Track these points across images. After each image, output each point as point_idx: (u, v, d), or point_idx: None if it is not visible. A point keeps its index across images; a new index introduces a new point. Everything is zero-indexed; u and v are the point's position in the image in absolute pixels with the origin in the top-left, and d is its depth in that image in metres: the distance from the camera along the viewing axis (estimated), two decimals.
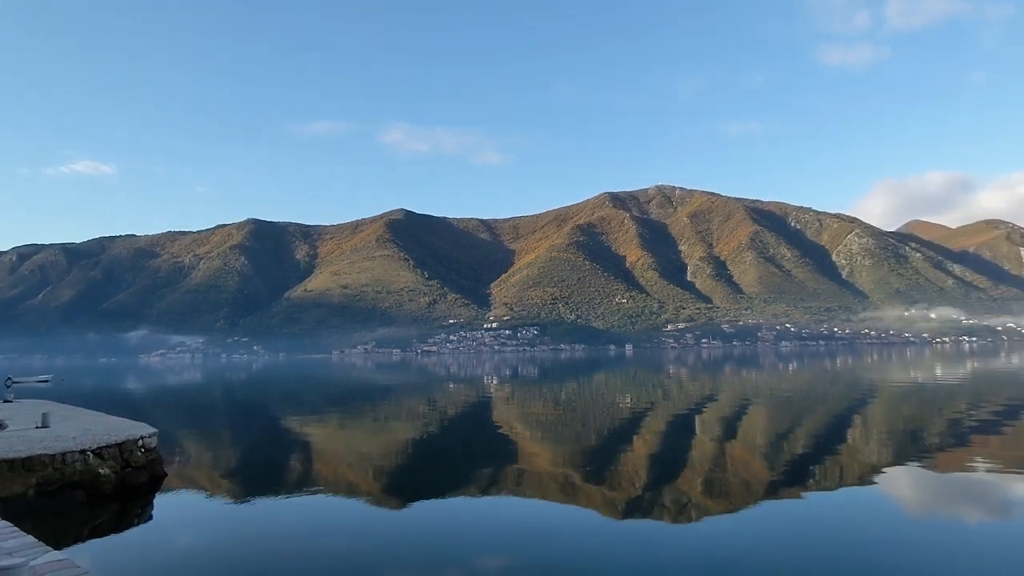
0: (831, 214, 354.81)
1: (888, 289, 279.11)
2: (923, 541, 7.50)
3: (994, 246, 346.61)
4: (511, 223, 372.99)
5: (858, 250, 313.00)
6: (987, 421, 17.59)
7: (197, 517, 9.21)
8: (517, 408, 24.48)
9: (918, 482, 10.37)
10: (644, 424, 18.60)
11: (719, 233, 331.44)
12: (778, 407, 22.44)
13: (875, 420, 18.44)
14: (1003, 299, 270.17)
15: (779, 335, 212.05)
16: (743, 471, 11.66)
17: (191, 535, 8.41)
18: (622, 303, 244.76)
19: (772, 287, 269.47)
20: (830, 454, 12.92)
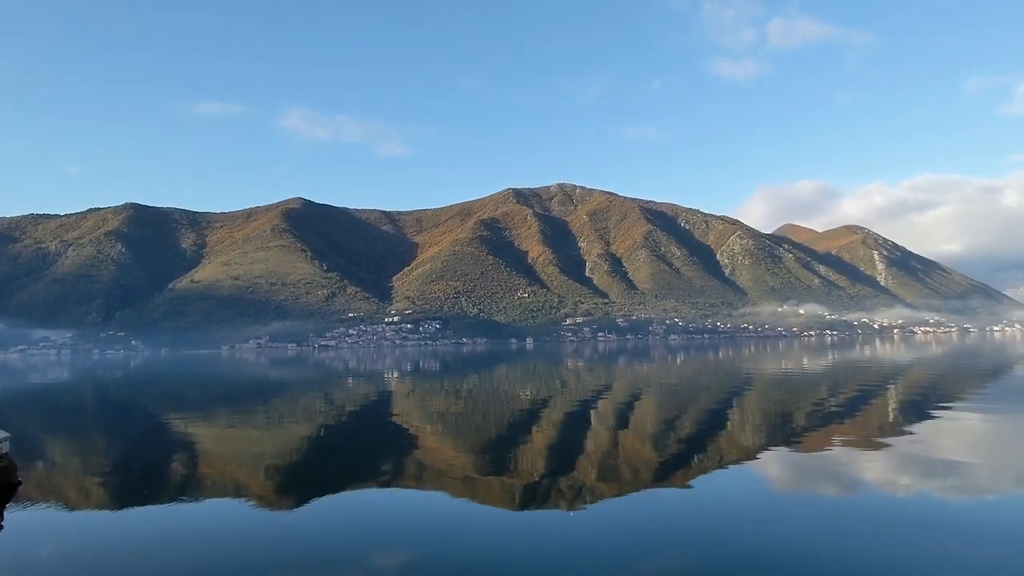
0: (717, 216, 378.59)
1: (764, 287, 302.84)
2: (791, 514, 8.27)
3: (852, 249, 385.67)
4: (415, 216, 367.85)
5: (739, 250, 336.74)
6: (843, 405, 19.64)
7: (56, 528, 8.41)
8: (418, 402, 24.30)
9: (786, 462, 11.39)
10: (543, 415, 19.08)
11: (616, 231, 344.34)
12: (666, 396, 23.78)
13: (751, 407, 20.01)
14: (858, 297, 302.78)
15: (668, 329, 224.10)
16: (634, 457, 12.29)
17: (47, 548, 7.69)
18: (524, 298, 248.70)
19: (663, 284, 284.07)
20: (712, 439, 13.90)
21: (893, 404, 19.87)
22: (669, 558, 6.85)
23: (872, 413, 17.85)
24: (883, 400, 20.98)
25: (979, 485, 9.32)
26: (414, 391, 29.89)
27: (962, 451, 11.79)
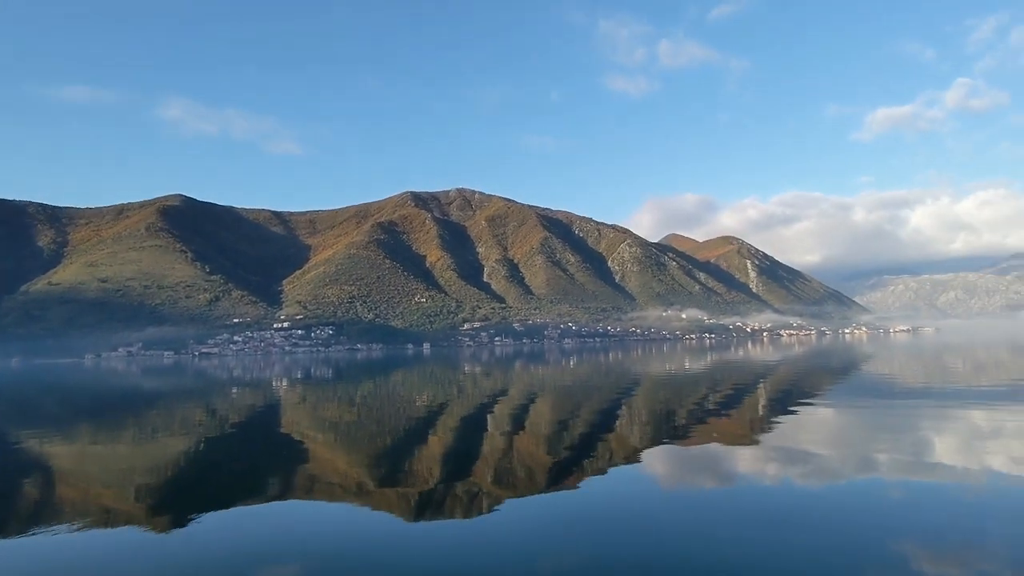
0: (608, 225, 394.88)
1: (651, 292, 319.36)
2: (674, 509, 8.83)
3: (729, 258, 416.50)
4: (308, 217, 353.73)
5: (629, 258, 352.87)
6: (720, 403, 21.20)
7: None
8: (309, 411, 23.38)
9: (670, 458, 12.13)
10: (439, 421, 19.03)
11: (514, 237, 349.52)
12: (560, 398, 24.48)
13: (638, 406, 21.07)
14: (733, 302, 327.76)
15: (563, 333, 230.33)
16: (530, 460, 12.57)
17: None
18: (421, 302, 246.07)
19: (558, 289, 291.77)
20: (603, 439, 14.50)
21: (762, 401, 21.69)
22: (561, 560, 7.10)
23: (745, 409, 19.39)
24: (754, 397, 22.85)
25: (832, 471, 10.41)
26: (305, 400, 28.72)
27: (818, 442, 13.12)
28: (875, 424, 15.49)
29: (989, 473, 9.92)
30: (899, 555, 6.61)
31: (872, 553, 6.70)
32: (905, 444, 12.49)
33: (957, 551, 6.69)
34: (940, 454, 11.41)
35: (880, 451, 11.89)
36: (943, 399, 19.79)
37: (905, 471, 10.24)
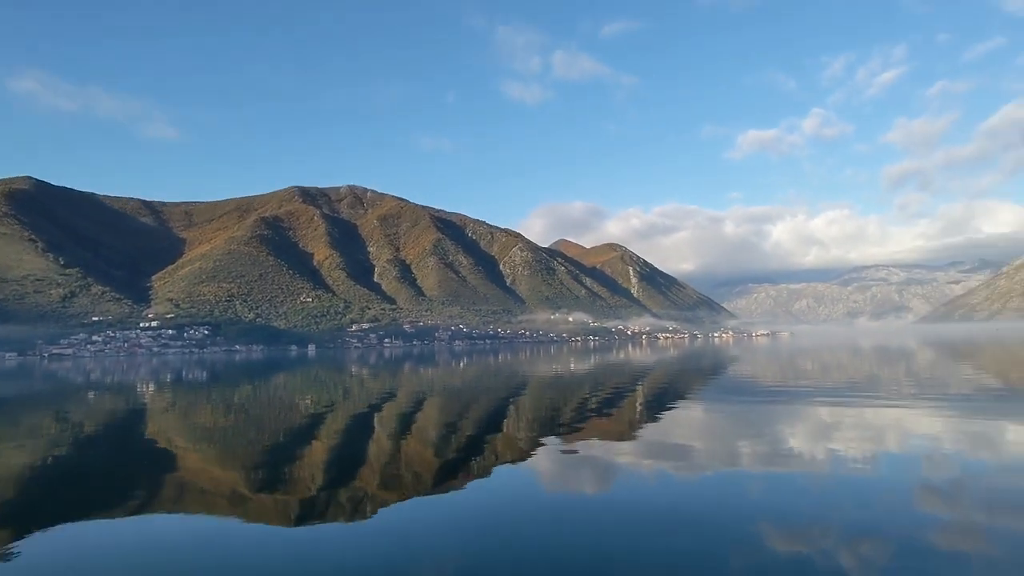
0: (501, 229, 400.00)
1: (540, 296, 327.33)
2: (555, 505, 9.17)
3: (613, 265, 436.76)
4: (183, 208, 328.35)
5: (520, 262, 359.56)
6: (602, 402, 22.20)
7: None
8: (179, 417, 21.72)
9: (554, 457, 12.54)
10: (323, 425, 18.41)
11: (406, 238, 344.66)
12: (449, 400, 24.50)
13: (526, 407, 21.56)
14: (616, 307, 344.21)
15: (454, 335, 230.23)
16: (417, 462, 12.51)
17: None
18: (307, 302, 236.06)
19: (450, 291, 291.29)
20: (491, 439, 14.72)
21: (640, 400, 22.95)
22: (444, 562, 7.16)
23: (625, 408, 20.44)
24: (633, 397, 24.13)
25: (702, 465, 11.26)
26: (175, 405, 26.63)
27: (690, 438, 14.13)
28: (739, 420, 16.91)
29: (832, 461, 11.17)
30: (756, 535, 7.31)
31: (735, 536, 7.36)
32: (764, 438, 13.75)
33: (806, 532, 7.50)
34: (793, 446, 12.69)
35: (743, 444, 13.02)
36: (795, 397, 21.97)
37: (763, 463, 11.28)
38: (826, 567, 6.37)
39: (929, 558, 6.54)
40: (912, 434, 13.84)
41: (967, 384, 25.46)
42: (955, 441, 12.80)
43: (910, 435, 13.70)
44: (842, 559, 6.57)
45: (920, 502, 8.60)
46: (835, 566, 6.39)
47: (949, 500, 8.65)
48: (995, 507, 8.23)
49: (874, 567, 6.33)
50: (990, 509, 8.16)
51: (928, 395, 21.51)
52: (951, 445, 12.38)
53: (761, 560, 6.64)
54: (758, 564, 6.54)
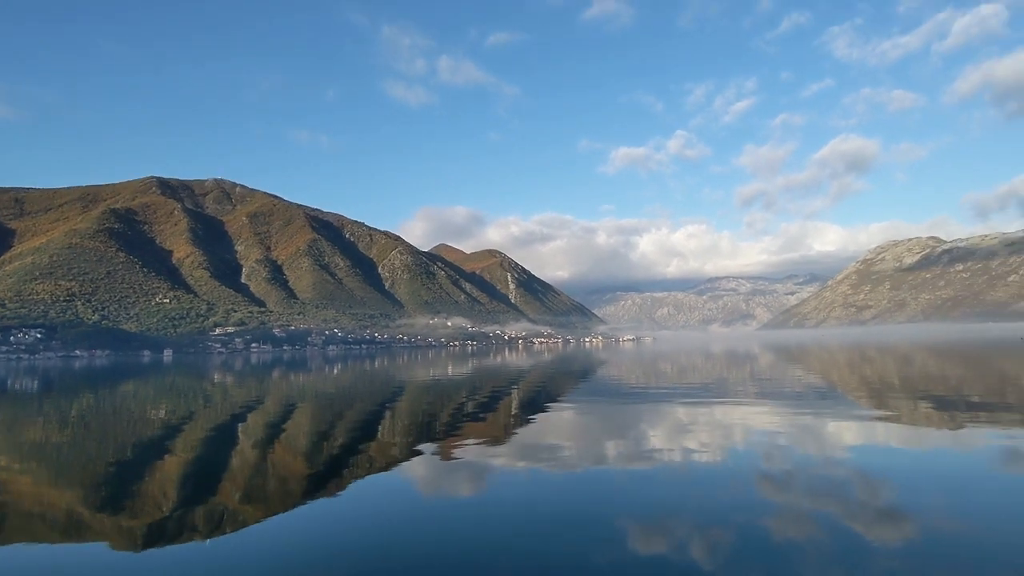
0: (381, 231, 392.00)
1: (419, 300, 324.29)
2: (430, 510, 9.17)
3: (492, 270, 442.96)
4: (13, 195, 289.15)
5: (399, 265, 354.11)
6: (479, 406, 22.45)
7: None
8: (0, 432, 19.05)
9: (430, 462, 12.52)
10: (179, 437, 17.02)
11: (279, 237, 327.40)
12: (322, 407, 23.60)
13: (402, 412, 21.28)
14: (495, 312, 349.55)
15: (328, 339, 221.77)
16: (285, 473, 11.95)
17: None
18: (164, 303, 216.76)
19: (325, 294, 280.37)
20: (365, 446, 14.38)
21: (515, 402, 23.50)
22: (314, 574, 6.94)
23: (501, 411, 20.82)
24: (509, 399, 24.64)
25: (572, 464, 11.76)
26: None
27: (562, 438, 14.70)
28: (606, 420, 17.85)
29: (686, 456, 12.13)
30: (621, 530, 7.78)
31: (602, 532, 7.79)
32: (628, 436, 14.63)
33: (665, 523, 8.09)
34: (654, 443, 13.62)
35: (610, 443, 13.77)
36: (656, 397, 23.57)
37: (627, 460, 12.01)
38: (681, 556, 6.94)
39: (766, 540, 7.32)
40: (754, 429, 15.37)
41: (798, 383, 28.71)
42: (788, 434, 14.40)
43: (752, 430, 15.21)
44: (694, 547, 7.18)
45: (760, 490, 9.59)
46: (688, 554, 6.97)
47: (783, 487, 9.73)
48: (818, 492, 9.38)
49: (721, 552, 6.99)
50: (815, 494, 9.29)
51: (767, 394, 24.00)
52: (785, 438, 13.91)
53: (625, 553, 7.08)
54: (622, 557, 6.98)
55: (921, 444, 13.11)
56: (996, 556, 6.61)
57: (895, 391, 24.35)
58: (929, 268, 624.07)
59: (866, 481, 10.00)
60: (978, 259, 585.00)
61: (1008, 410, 17.54)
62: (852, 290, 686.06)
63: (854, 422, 16.21)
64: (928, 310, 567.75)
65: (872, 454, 12.16)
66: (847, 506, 8.58)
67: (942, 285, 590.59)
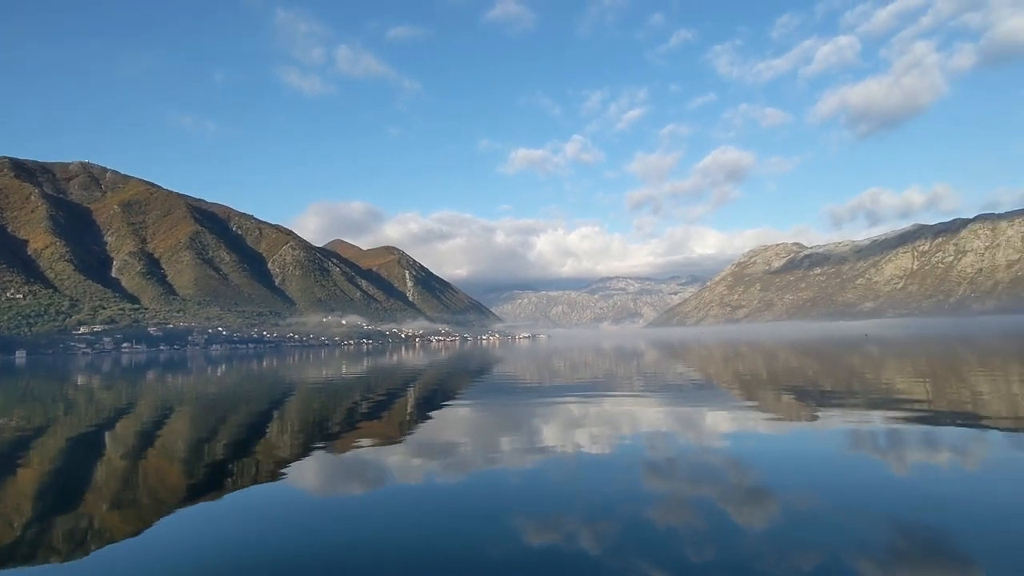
0: (271, 225, 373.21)
1: (312, 297, 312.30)
2: (319, 514, 8.90)
3: (389, 268, 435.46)
4: None
5: (291, 261, 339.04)
6: (373, 406, 22.04)
7: None
8: None
9: (321, 464, 12.15)
10: (35, 448, 15.35)
11: (156, 228, 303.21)
12: (203, 411, 22.17)
13: (291, 414, 20.45)
14: (391, 310, 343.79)
15: (210, 338, 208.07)
16: (160, 483, 11.14)
17: None
18: (17, 299, 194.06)
19: (208, 290, 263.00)
20: (250, 450, 13.69)
21: (411, 401, 23.29)
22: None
23: (396, 410, 20.55)
24: (404, 398, 24.37)
25: (467, 463, 11.86)
26: None
27: (456, 437, 14.77)
28: (501, 417, 18.13)
29: (577, 450, 12.60)
30: (514, 527, 7.97)
31: (493, 528, 7.94)
32: (522, 432, 14.97)
33: (557, 517, 8.38)
34: (546, 438, 14.02)
35: (504, 440, 14.02)
36: (549, 393, 24.25)
37: (521, 456, 12.29)
38: (571, 546, 7.23)
39: (650, 526, 7.80)
40: (640, 421, 16.25)
41: (679, 377, 30.64)
42: (670, 425, 15.35)
43: (638, 422, 16.07)
44: (584, 536, 7.50)
45: (645, 479, 10.17)
46: (578, 544, 7.28)
47: (665, 475, 10.38)
48: (697, 478, 10.10)
49: (608, 539, 7.36)
50: (693, 480, 9.99)
51: (652, 388, 25.41)
52: (667, 429, 14.82)
53: (519, 546, 7.27)
54: (516, 550, 7.16)
55: (784, 430, 14.45)
56: (845, 528, 7.44)
57: (762, 383, 26.61)
58: (792, 271, 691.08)
59: (737, 466, 10.89)
60: (832, 264, 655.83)
61: (853, 398, 19.71)
62: (728, 291, 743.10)
63: (727, 412, 17.57)
64: (791, 309, 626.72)
65: (743, 441, 13.25)
66: (722, 490, 9.31)
67: (803, 287, 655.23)
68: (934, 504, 8.28)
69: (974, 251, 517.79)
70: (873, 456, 11.34)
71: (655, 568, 6.43)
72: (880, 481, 9.60)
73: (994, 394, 19.86)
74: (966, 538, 6.98)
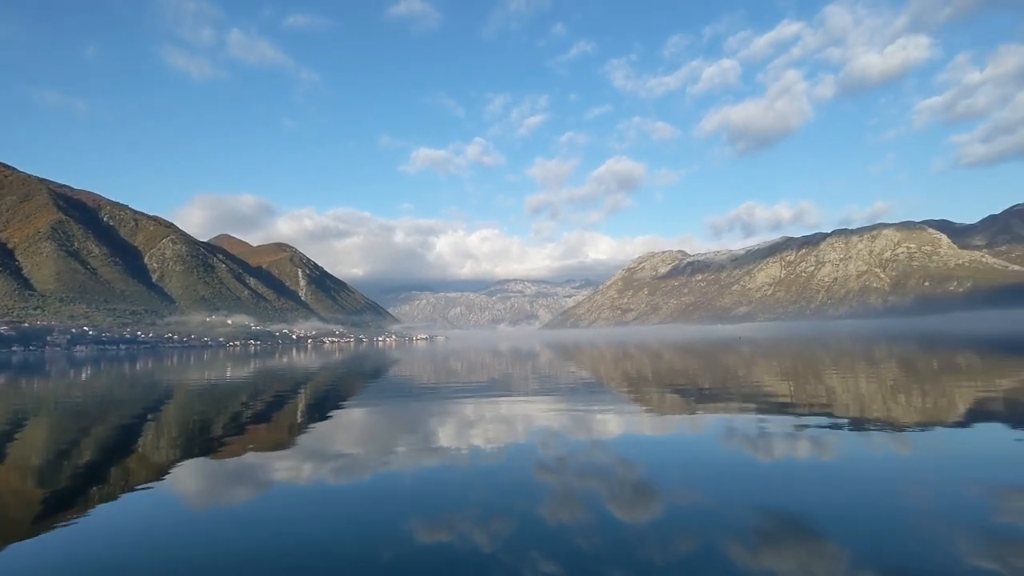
0: (149, 216, 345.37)
1: (195, 295, 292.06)
2: (204, 526, 8.44)
3: (281, 265, 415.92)
4: None
5: (171, 255, 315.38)
6: (261, 410, 21.02)
7: None
8: None
9: (201, 472, 11.47)
10: None
11: (11, 215, 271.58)
12: (65, 418, 20.15)
13: (169, 420, 19.07)
14: (282, 310, 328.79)
15: (75, 339, 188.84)
16: (12, 499, 10.06)
17: None
18: None
19: (73, 285, 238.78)
20: (120, 460, 12.66)
21: (302, 405, 22.46)
22: None
23: (285, 414, 19.74)
24: (295, 402, 23.45)
25: (359, 465, 11.66)
26: None
27: (350, 441, 14.46)
28: (396, 419, 17.94)
29: (472, 451, 12.75)
30: (406, 530, 7.97)
31: (387, 531, 7.90)
32: (418, 435, 14.92)
33: (449, 518, 8.46)
34: (442, 440, 14.07)
35: (399, 443, 13.90)
36: (446, 395, 24.27)
37: (416, 458, 12.26)
38: (464, 548, 7.34)
39: (541, 523, 8.08)
40: (534, 421, 16.70)
41: (572, 378, 31.73)
42: (562, 424, 15.91)
43: (532, 422, 16.51)
44: (478, 535, 7.65)
45: (537, 478, 10.50)
46: (472, 544, 7.42)
47: (557, 473, 10.77)
48: (586, 475, 10.56)
49: (501, 537, 7.56)
50: (583, 477, 10.44)
51: (546, 388, 26.14)
52: (559, 427, 15.36)
53: (412, 548, 7.29)
54: (410, 551, 7.17)
55: (666, 428, 15.41)
56: (718, 515, 8.10)
57: (648, 383, 28.16)
58: (677, 277, 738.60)
59: (624, 462, 11.50)
60: (712, 271, 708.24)
61: (728, 396, 21.36)
62: (618, 295, 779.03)
63: (616, 411, 18.46)
64: (675, 313, 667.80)
65: (630, 438, 14.00)
66: (609, 485, 9.82)
67: (686, 292, 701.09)
68: (795, 490, 9.21)
69: (831, 262, 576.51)
70: (743, 448, 12.39)
71: (546, 561, 6.70)
72: (749, 471, 10.52)
73: (844, 391, 22.25)
74: (822, 519, 7.84)
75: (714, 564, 6.52)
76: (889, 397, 20.13)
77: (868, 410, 17.17)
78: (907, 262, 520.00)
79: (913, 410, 17.15)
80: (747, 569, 6.37)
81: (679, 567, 6.48)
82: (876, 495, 8.83)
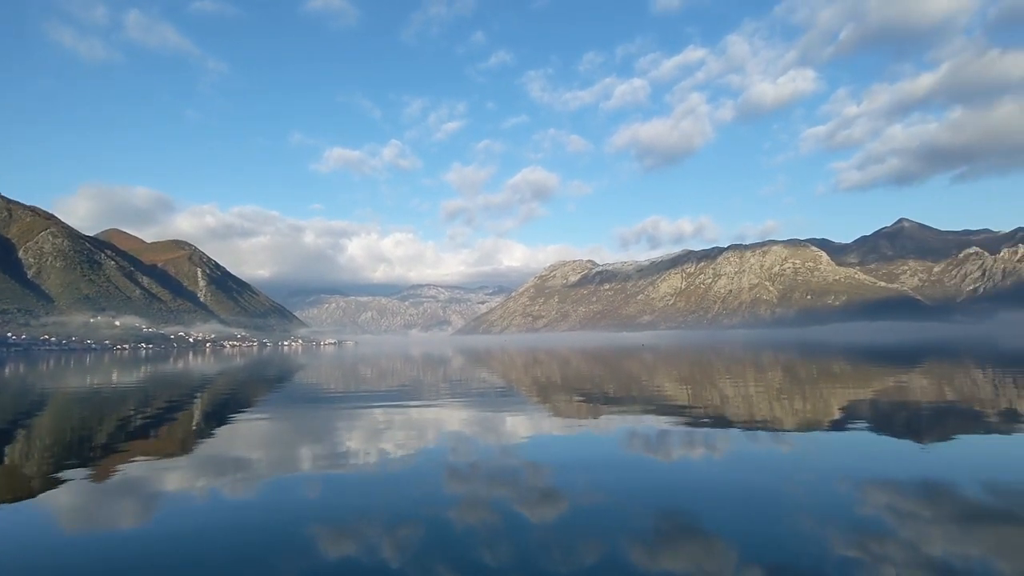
0: (26, 206, 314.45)
1: (77, 294, 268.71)
2: (84, 548, 7.79)
3: (178, 264, 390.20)
4: None
5: (51, 250, 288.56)
6: (150, 419, 19.60)
7: None
8: None
9: (80, 488, 10.56)
10: None
11: None
12: None
13: (42, 430, 17.40)
14: (179, 311, 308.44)
15: None
16: None
17: None
18: None
19: None
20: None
21: (197, 413, 21.18)
22: None
23: (178, 423, 18.53)
24: (189, 410, 22.06)
25: (259, 474, 11.15)
26: None
27: (249, 449, 13.81)
28: (301, 427, 17.32)
29: (380, 457, 12.53)
30: (307, 537, 7.72)
31: (287, 546, 7.62)
32: (323, 442, 14.47)
33: (353, 526, 8.28)
34: (349, 447, 13.73)
35: (303, 450, 13.43)
36: (354, 401, 23.71)
37: (320, 466, 11.90)
38: (370, 558, 7.21)
39: (449, 529, 8.08)
40: (444, 427, 16.66)
41: (483, 384, 31.91)
42: (472, 430, 15.97)
43: (443, 428, 16.46)
44: (383, 547, 7.54)
45: (447, 484, 10.49)
46: (378, 555, 7.30)
47: (466, 479, 10.80)
48: (495, 480, 10.67)
49: (408, 547, 7.49)
50: (492, 482, 10.54)
51: (458, 394, 26.14)
52: (469, 433, 15.42)
53: (313, 563, 7.07)
54: (311, 567, 6.96)
55: (573, 431, 15.84)
56: (620, 516, 8.43)
57: (557, 388, 28.81)
58: (586, 286, 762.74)
59: (532, 467, 11.71)
60: (619, 281, 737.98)
61: (631, 401, 22.26)
62: (530, 302, 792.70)
63: (525, 416, 18.76)
64: (584, 320, 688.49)
65: (538, 442, 14.28)
66: (516, 490, 9.96)
67: (595, 300, 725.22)
68: (691, 490, 9.76)
69: (727, 275, 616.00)
70: (644, 452, 12.96)
71: (452, 569, 6.72)
72: (648, 471, 11.04)
73: (736, 395, 23.77)
74: (714, 517, 8.35)
75: (615, 564, 6.79)
76: (775, 401, 21.73)
77: (756, 413, 18.45)
78: (793, 276, 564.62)
79: (794, 413, 18.61)
80: (645, 568, 6.68)
81: (583, 570, 6.70)
82: (760, 492, 9.52)
